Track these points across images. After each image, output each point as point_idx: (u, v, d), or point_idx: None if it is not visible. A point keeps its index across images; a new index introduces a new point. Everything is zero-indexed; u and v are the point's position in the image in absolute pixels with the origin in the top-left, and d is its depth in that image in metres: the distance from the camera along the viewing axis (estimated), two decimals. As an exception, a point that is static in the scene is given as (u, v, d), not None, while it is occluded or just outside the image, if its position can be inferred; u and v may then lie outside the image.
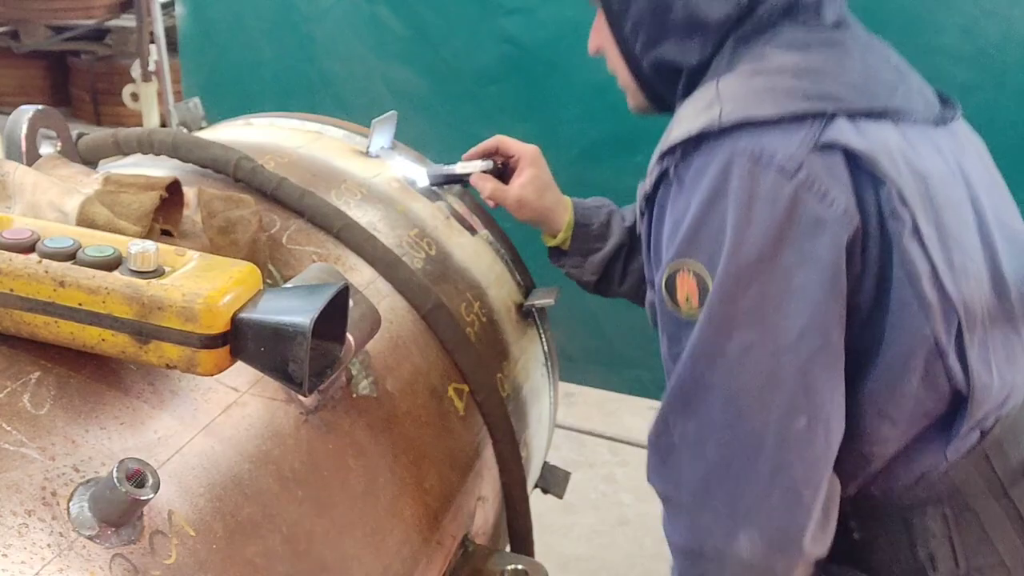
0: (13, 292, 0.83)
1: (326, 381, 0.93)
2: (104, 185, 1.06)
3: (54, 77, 7.22)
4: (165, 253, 0.87)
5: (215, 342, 0.82)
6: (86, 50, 6.92)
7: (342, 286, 0.88)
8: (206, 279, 0.84)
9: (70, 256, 0.85)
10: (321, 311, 0.83)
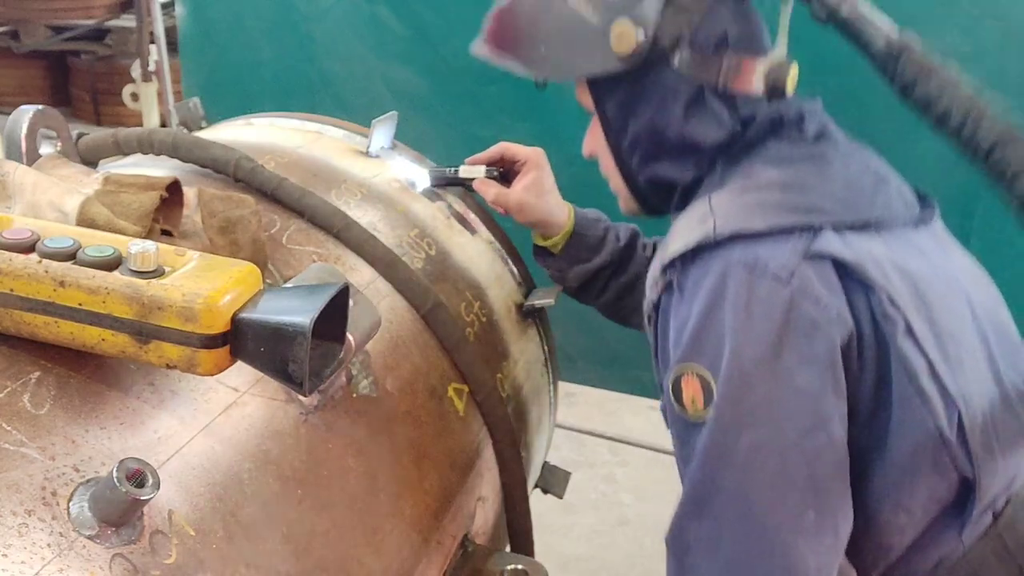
0: (13, 292, 0.83)
1: (326, 381, 0.93)
2: (104, 185, 1.06)
3: (54, 77, 7.22)
4: (165, 253, 0.87)
5: (215, 342, 0.82)
6: (86, 50, 6.92)
7: (342, 286, 0.89)
8: (206, 279, 0.84)
9: (70, 256, 0.85)
10: (321, 311, 0.83)
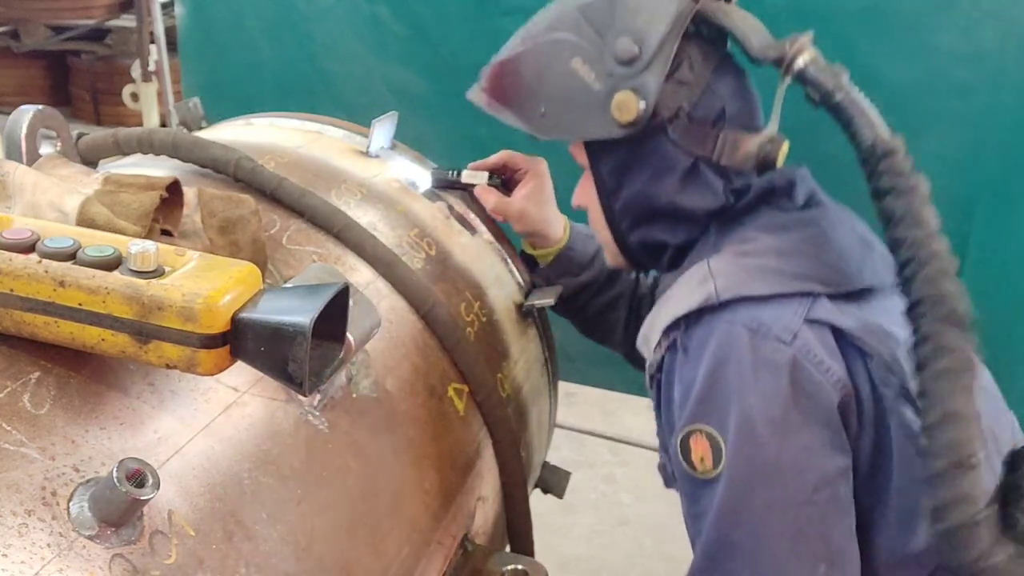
0: (13, 292, 0.83)
1: (326, 381, 0.93)
2: (104, 185, 1.06)
3: (54, 77, 7.21)
4: (165, 253, 0.87)
5: (215, 342, 0.82)
6: (86, 50, 6.91)
7: (342, 286, 0.88)
8: (206, 279, 0.84)
9: (70, 256, 0.85)
10: (321, 311, 0.83)
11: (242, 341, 0.83)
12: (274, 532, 0.93)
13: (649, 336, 1.36)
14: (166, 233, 1.08)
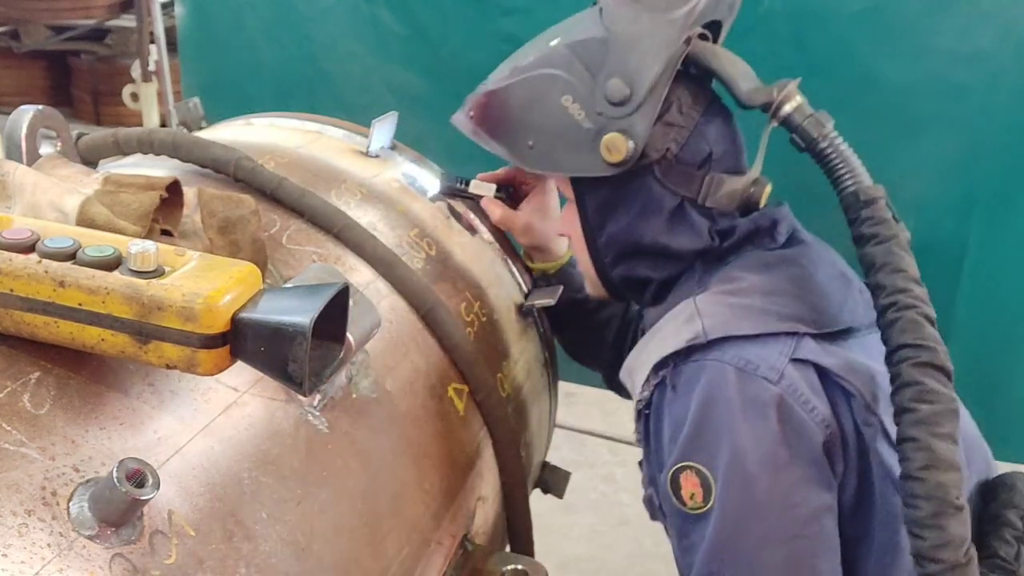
0: (13, 292, 0.83)
1: (326, 381, 0.93)
2: (104, 185, 1.06)
3: (54, 77, 7.21)
4: (165, 253, 0.87)
5: (215, 342, 0.82)
6: (86, 50, 6.91)
7: (342, 286, 0.89)
8: (206, 279, 0.84)
9: (70, 256, 0.85)
10: (321, 311, 0.83)
11: (242, 341, 0.83)
12: (274, 532, 0.93)
13: (635, 371, 1.38)
14: (166, 233, 1.08)
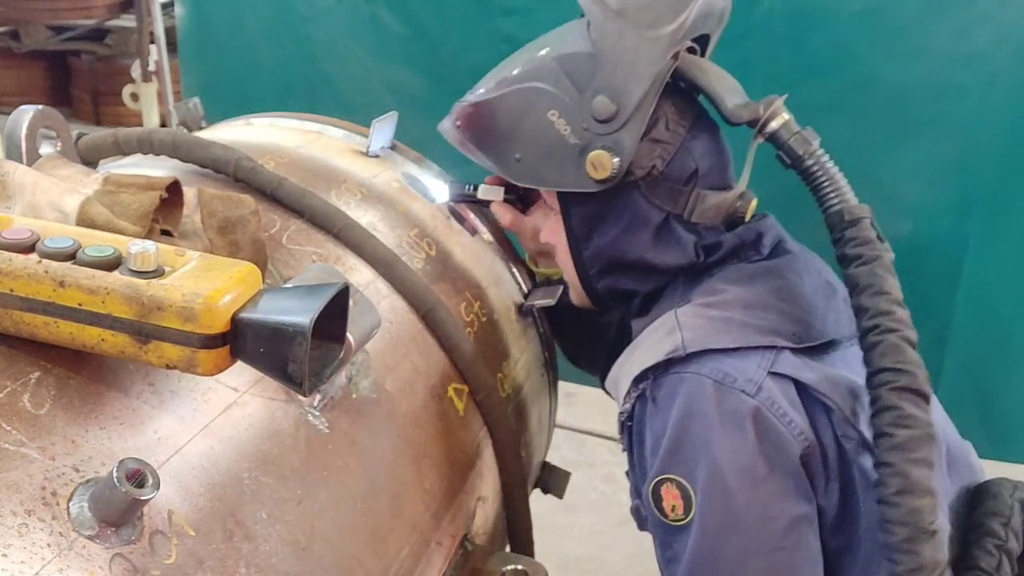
0: (13, 292, 0.83)
1: (326, 381, 0.94)
2: (104, 185, 1.06)
3: (54, 77, 7.20)
4: (165, 253, 0.87)
5: (215, 342, 0.82)
6: (86, 50, 6.90)
7: (342, 286, 0.89)
8: (206, 279, 0.84)
9: (70, 256, 0.85)
10: (321, 311, 0.83)
11: (242, 341, 0.83)
12: (274, 532, 0.93)
13: (618, 382, 1.38)
14: (166, 233, 1.08)
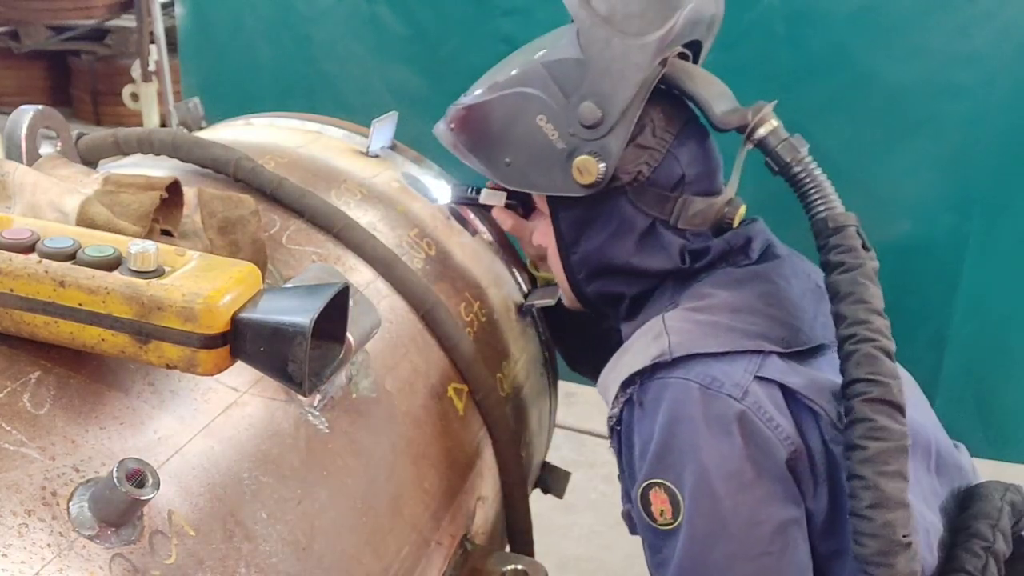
0: (13, 292, 0.83)
1: (326, 381, 0.94)
2: (104, 185, 1.06)
3: (54, 77, 7.21)
4: (165, 253, 0.87)
5: (215, 342, 0.83)
6: (86, 50, 6.91)
7: (342, 286, 0.89)
8: (206, 279, 0.84)
9: (70, 256, 0.85)
10: (321, 311, 0.83)
11: (242, 341, 0.83)
12: (274, 532, 0.93)
13: (607, 387, 1.38)
14: (166, 233, 1.08)
